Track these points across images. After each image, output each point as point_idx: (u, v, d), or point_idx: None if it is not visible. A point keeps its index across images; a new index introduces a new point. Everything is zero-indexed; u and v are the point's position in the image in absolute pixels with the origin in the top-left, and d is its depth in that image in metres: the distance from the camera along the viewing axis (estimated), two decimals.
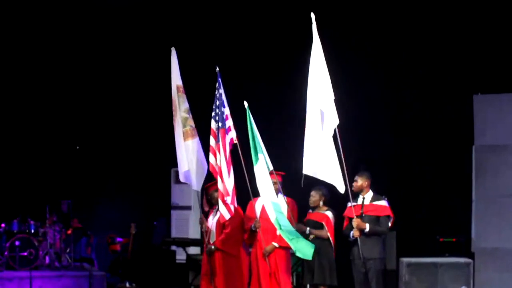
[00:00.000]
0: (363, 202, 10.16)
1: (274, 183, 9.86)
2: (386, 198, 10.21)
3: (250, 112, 9.83)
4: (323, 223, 10.32)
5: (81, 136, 16.39)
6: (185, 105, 10.84)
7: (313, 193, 10.51)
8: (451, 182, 13.25)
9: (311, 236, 10.31)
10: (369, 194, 10.19)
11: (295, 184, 10.13)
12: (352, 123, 13.42)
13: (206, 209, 10.85)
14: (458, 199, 12.93)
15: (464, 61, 13.20)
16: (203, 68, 12.22)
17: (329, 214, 10.39)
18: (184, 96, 10.88)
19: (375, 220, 10.09)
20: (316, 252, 9.86)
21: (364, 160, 13.14)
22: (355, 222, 9.88)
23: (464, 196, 12.47)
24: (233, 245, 10.49)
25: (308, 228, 10.34)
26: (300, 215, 10.58)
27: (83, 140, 16.44)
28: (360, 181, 10.18)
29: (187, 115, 10.77)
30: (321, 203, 10.49)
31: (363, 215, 10.05)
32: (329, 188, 10.42)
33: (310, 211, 10.60)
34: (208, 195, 10.75)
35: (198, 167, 10.61)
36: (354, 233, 9.89)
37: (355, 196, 10.12)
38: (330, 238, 10.28)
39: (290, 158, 11.30)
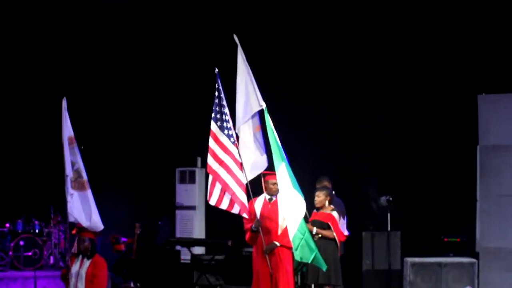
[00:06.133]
0: None
1: (274, 184, 9.84)
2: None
3: (268, 115, 9.52)
4: (329, 223, 10.33)
5: (86, 136, 16.37)
6: (76, 158, 10.46)
7: (318, 193, 10.50)
8: (455, 182, 13.24)
9: (317, 236, 10.31)
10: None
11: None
12: (355, 123, 13.45)
13: (75, 251, 10.14)
14: (462, 199, 12.93)
15: (468, 61, 13.18)
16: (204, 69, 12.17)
17: (335, 214, 10.39)
18: (76, 147, 10.46)
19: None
20: (321, 252, 9.94)
21: (368, 160, 13.15)
22: None
23: (468, 196, 12.47)
24: None
25: (315, 228, 10.33)
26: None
27: (88, 140, 16.42)
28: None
29: (79, 167, 10.49)
30: (326, 203, 10.47)
31: None
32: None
33: (315, 211, 10.59)
34: (79, 240, 10.00)
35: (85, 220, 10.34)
36: None
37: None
38: (336, 238, 10.28)
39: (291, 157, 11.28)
